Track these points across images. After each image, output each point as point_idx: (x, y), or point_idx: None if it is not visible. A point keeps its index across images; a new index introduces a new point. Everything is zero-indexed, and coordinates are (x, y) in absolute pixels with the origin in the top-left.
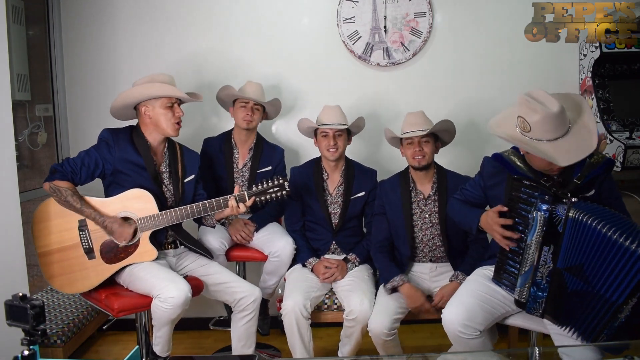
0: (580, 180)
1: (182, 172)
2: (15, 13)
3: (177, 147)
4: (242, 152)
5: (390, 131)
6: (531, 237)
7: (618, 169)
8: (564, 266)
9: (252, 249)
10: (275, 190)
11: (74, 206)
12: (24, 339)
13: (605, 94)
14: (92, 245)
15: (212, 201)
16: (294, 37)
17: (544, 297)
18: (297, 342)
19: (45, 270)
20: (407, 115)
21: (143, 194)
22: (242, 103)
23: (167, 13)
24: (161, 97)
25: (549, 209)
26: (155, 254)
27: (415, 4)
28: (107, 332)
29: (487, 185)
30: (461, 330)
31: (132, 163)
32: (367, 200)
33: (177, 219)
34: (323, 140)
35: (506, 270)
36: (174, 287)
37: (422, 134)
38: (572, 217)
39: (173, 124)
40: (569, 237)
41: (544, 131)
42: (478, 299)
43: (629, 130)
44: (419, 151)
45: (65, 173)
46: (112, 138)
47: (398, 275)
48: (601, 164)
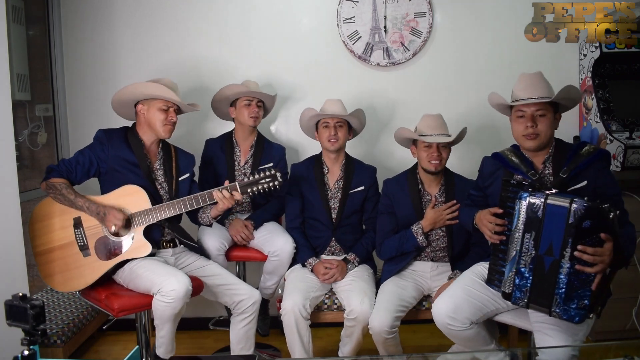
0: (566, 174)
1: (176, 171)
2: (15, 13)
3: (171, 148)
4: (244, 150)
5: (408, 130)
6: (514, 226)
7: (618, 169)
8: (543, 251)
9: (252, 249)
10: (267, 180)
11: (68, 198)
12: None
13: (605, 94)
14: (86, 242)
15: (204, 193)
16: (294, 37)
17: (527, 286)
18: (297, 342)
19: (41, 270)
20: (425, 117)
21: (136, 190)
22: (246, 101)
23: (166, 13)
24: (158, 98)
25: (529, 197)
26: (150, 249)
27: (415, 4)
28: (107, 332)
29: (485, 185)
30: (449, 323)
31: (125, 160)
32: (367, 196)
33: (171, 212)
34: (324, 131)
35: (497, 271)
36: (175, 280)
37: (445, 141)
38: (550, 203)
39: (165, 126)
40: (546, 221)
41: (519, 89)
42: (466, 293)
43: (629, 130)
44: (437, 156)
45: (61, 172)
46: (106, 137)
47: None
48: (592, 154)
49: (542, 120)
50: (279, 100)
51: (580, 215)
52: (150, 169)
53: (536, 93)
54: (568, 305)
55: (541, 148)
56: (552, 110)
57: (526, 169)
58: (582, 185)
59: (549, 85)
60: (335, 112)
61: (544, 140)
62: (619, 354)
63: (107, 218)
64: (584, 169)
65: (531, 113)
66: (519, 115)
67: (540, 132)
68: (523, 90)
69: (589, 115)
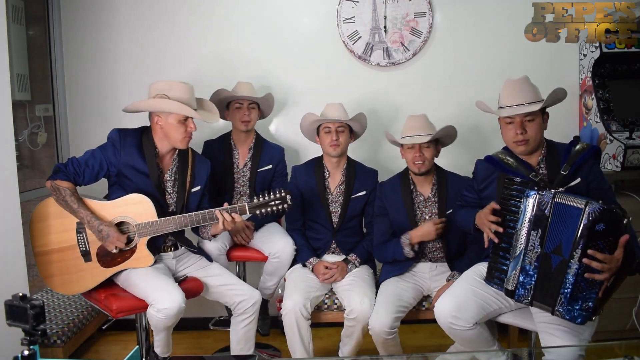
0: (566, 170)
1: (190, 182)
2: (15, 13)
3: (189, 154)
4: (242, 152)
5: (390, 135)
6: (520, 223)
7: (618, 169)
8: (551, 250)
9: (252, 249)
10: (277, 203)
11: (70, 206)
12: (24, 339)
13: (605, 94)
14: (89, 248)
15: (213, 211)
16: (294, 37)
17: (532, 283)
18: (297, 342)
19: (41, 270)
20: (409, 118)
21: (143, 199)
22: (237, 104)
23: (166, 13)
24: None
25: (537, 194)
26: (152, 261)
27: (415, 4)
28: (107, 332)
29: (480, 188)
30: (452, 322)
31: (136, 170)
32: (368, 200)
33: (176, 226)
34: (326, 136)
35: (498, 269)
36: (168, 299)
37: (423, 140)
38: (561, 202)
39: (183, 138)
40: (554, 220)
41: (505, 95)
42: (470, 292)
43: (629, 130)
44: (419, 156)
45: (68, 174)
46: (120, 141)
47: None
48: (587, 150)
49: (531, 125)
50: (278, 101)
51: (595, 217)
52: (160, 179)
53: (522, 99)
54: (572, 305)
55: (533, 151)
56: (539, 113)
57: (526, 171)
58: (577, 182)
59: (535, 89)
60: (337, 117)
61: (534, 145)
62: (619, 354)
63: (110, 241)
64: (578, 166)
65: (520, 120)
66: (508, 122)
67: (530, 137)
68: (509, 97)
69: (589, 115)
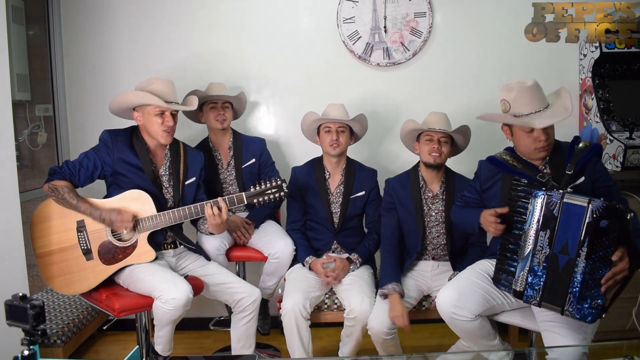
0: (571, 170)
1: (184, 174)
2: (15, 13)
3: (180, 147)
4: (223, 153)
5: (413, 122)
6: (528, 224)
7: (618, 169)
8: (559, 250)
9: (252, 249)
10: (274, 191)
11: (70, 203)
12: (24, 339)
13: (605, 94)
14: (90, 246)
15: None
16: (294, 37)
17: (540, 284)
18: (296, 342)
19: (43, 271)
20: (431, 113)
21: (141, 195)
22: (212, 104)
23: (167, 13)
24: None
25: (545, 195)
26: (154, 255)
27: (415, 4)
28: (107, 332)
29: (483, 188)
30: (454, 312)
31: (130, 165)
32: (367, 200)
33: (176, 219)
34: (326, 136)
35: (505, 270)
36: (175, 289)
37: (446, 132)
38: (567, 202)
39: (162, 132)
40: (563, 220)
41: (522, 104)
42: (473, 284)
43: (629, 130)
44: (437, 148)
45: (64, 174)
46: (112, 140)
47: (392, 283)
48: (590, 148)
49: (550, 129)
50: (279, 101)
51: (599, 214)
52: (155, 173)
53: (539, 105)
54: (581, 304)
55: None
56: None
57: (531, 172)
58: (581, 181)
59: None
60: (338, 117)
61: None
62: (619, 354)
63: (119, 219)
64: (582, 165)
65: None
66: (529, 131)
67: (551, 141)
68: (528, 105)
69: (589, 115)
